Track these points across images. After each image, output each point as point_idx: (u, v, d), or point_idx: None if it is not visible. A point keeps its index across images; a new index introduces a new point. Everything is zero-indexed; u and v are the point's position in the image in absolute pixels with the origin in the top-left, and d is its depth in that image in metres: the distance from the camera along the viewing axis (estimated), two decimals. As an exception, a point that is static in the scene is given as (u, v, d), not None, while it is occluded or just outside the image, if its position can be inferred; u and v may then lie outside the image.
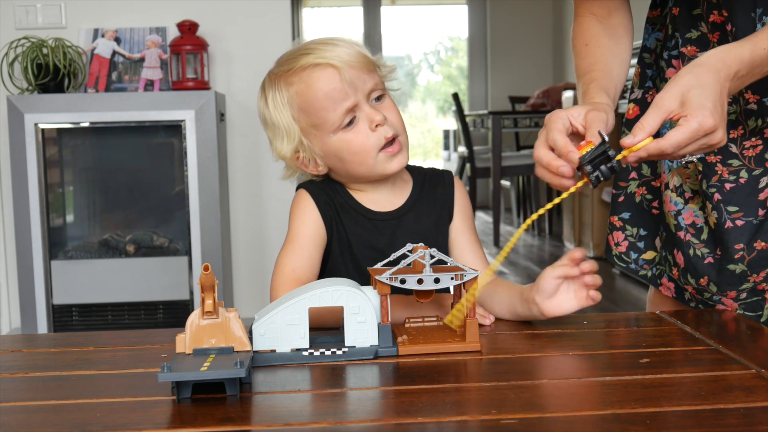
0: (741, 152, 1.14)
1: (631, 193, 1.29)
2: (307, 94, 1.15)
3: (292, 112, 1.17)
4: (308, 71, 1.15)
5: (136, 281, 2.94)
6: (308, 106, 1.16)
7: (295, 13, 5.91)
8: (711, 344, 0.98)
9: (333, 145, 1.17)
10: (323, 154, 1.18)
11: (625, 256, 1.30)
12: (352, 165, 1.17)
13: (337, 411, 0.79)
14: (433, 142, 11.43)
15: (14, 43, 2.91)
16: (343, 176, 1.21)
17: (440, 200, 1.24)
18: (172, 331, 1.03)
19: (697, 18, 1.15)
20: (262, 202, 3.17)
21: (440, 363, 0.93)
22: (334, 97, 1.14)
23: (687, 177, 1.19)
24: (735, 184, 1.14)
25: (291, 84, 1.17)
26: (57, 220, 3.05)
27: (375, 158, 1.16)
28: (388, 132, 1.16)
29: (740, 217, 1.14)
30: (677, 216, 1.20)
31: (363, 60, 1.17)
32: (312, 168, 1.20)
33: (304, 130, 1.17)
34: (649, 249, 1.29)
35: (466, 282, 0.96)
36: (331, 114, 1.15)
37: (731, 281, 1.16)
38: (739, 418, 0.74)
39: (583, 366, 0.92)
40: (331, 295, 0.95)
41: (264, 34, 3.12)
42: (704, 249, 1.18)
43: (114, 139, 3.09)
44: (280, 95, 1.17)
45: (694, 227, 1.19)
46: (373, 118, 1.16)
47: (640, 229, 1.29)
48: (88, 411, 0.79)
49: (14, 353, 1.04)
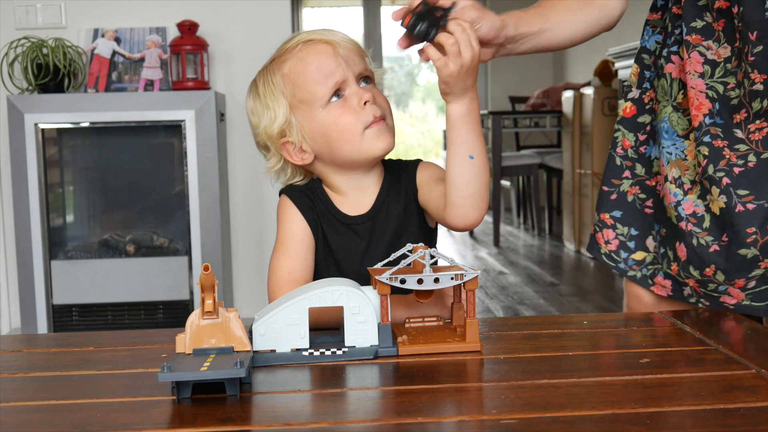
0: (747, 137, 1.13)
1: (624, 192, 1.28)
2: (300, 67, 1.17)
3: (283, 91, 1.18)
4: (302, 46, 1.18)
5: (136, 281, 2.94)
6: (300, 79, 1.17)
7: (295, 13, 5.91)
8: (711, 344, 0.98)
9: (321, 120, 1.17)
10: (310, 134, 1.18)
11: (615, 255, 1.29)
12: (338, 143, 1.17)
13: (337, 411, 0.79)
14: (433, 142, 11.42)
15: (14, 43, 2.91)
16: (328, 161, 1.20)
17: (404, 186, 1.23)
18: (172, 331, 1.03)
19: (703, 8, 1.16)
20: (262, 202, 3.17)
21: (440, 363, 0.93)
22: (326, 70, 1.16)
23: (685, 168, 1.20)
24: (744, 168, 1.13)
25: (284, 62, 1.19)
26: (57, 220, 3.05)
27: (362, 135, 1.17)
28: (376, 111, 1.17)
29: (751, 201, 1.13)
30: (677, 207, 1.19)
31: (355, 45, 1.20)
32: (297, 156, 1.20)
33: (293, 106, 1.19)
34: (639, 249, 1.28)
35: (465, 281, 0.96)
36: (320, 87, 1.16)
37: (741, 268, 1.15)
38: (739, 418, 0.74)
39: (583, 366, 0.92)
40: (331, 295, 0.95)
41: (264, 34, 3.12)
42: (708, 237, 1.17)
43: (114, 139, 3.09)
44: (272, 78, 1.19)
45: (695, 216, 1.18)
46: (362, 95, 1.17)
47: (631, 228, 1.28)
48: (88, 411, 0.79)
49: (14, 353, 1.04)
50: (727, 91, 1.14)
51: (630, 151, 1.27)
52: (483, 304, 3.66)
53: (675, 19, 1.21)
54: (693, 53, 1.15)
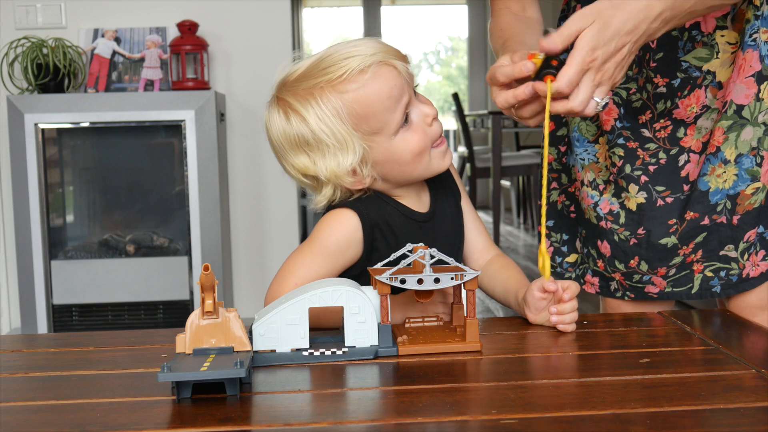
0: (654, 135, 1.23)
1: (554, 202, 1.39)
2: (369, 97, 1.05)
3: (350, 120, 1.06)
4: (361, 75, 1.05)
5: (136, 281, 2.94)
6: (369, 110, 1.06)
7: (295, 13, 5.91)
8: (711, 344, 0.98)
9: (394, 146, 1.09)
10: (383, 161, 1.09)
11: (552, 261, 1.39)
12: (410, 166, 1.10)
13: (337, 411, 0.79)
14: (433, 142, 11.41)
15: (14, 43, 2.91)
16: (393, 182, 1.13)
17: (446, 188, 1.22)
18: (172, 331, 1.03)
19: None
20: (262, 202, 3.17)
21: (440, 363, 0.93)
22: (396, 95, 1.07)
23: (599, 171, 1.29)
24: (657, 166, 1.24)
25: (344, 92, 1.06)
26: (57, 220, 3.05)
27: (430, 155, 1.11)
28: (440, 127, 1.12)
29: (669, 195, 1.24)
30: (595, 207, 1.29)
31: (398, 51, 1.10)
32: (359, 183, 1.10)
33: (365, 139, 1.08)
34: (571, 252, 1.38)
35: (465, 281, 0.96)
36: (393, 114, 1.07)
37: (662, 256, 1.25)
38: (739, 418, 0.74)
39: (583, 366, 0.92)
40: (331, 295, 0.95)
41: (264, 34, 3.13)
42: (625, 232, 1.26)
43: (114, 139, 3.09)
44: (327, 107, 1.06)
45: (612, 214, 1.27)
46: (427, 113, 1.10)
47: (562, 234, 1.39)
48: (88, 411, 0.79)
49: (14, 353, 1.04)
50: (629, 96, 1.24)
51: (554, 163, 1.38)
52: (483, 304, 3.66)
53: None
54: None
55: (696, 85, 1.19)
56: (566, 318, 1.05)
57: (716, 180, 1.20)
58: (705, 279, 1.25)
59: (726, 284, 1.25)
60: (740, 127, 1.18)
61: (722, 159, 1.19)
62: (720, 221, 1.22)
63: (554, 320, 1.06)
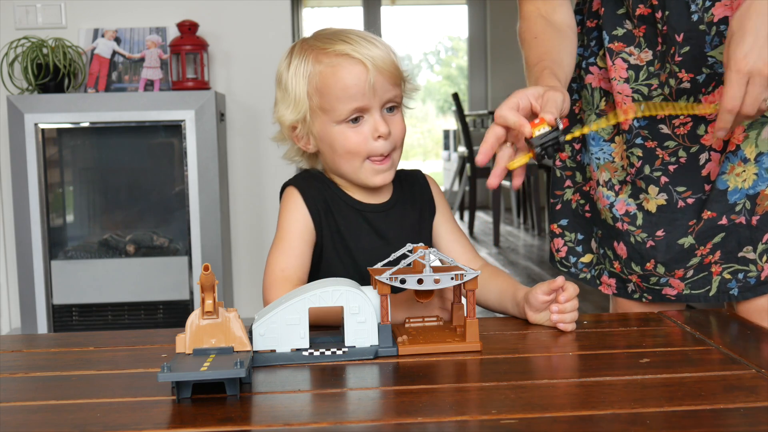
0: (673, 132, 1.20)
1: (568, 201, 1.36)
2: (330, 78, 1.16)
3: (308, 87, 1.18)
4: (340, 59, 1.16)
5: (136, 281, 2.94)
6: (326, 89, 1.17)
7: (295, 13, 5.91)
8: (711, 344, 0.98)
9: (331, 132, 1.19)
10: (319, 137, 1.20)
11: (566, 261, 1.36)
12: (340, 159, 1.20)
13: (337, 411, 0.79)
14: (433, 142, 11.42)
15: (14, 43, 2.91)
16: (329, 164, 1.23)
17: (419, 197, 1.28)
18: (172, 331, 1.04)
19: (622, 17, 1.22)
20: (262, 202, 3.17)
21: (440, 363, 0.93)
22: (352, 93, 1.16)
23: (614, 171, 1.27)
24: (677, 165, 1.21)
25: (319, 62, 1.18)
26: (57, 220, 3.05)
27: (361, 164, 1.19)
28: (385, 148, 1.19)
29: (690, 196, 1.21)
30: (611, 208, 1.27)
31: (394, 70, 1.18)
32: (303, 143, 1.23)
33: (312, 108, 1.19)
34: (587, 252, 1.35)
35: (465, 281, 0.96)
36: (342, 105, 1.16)
37: (679, 258, 1.22)
38: (739, 418, 0.74)
39: (583, 366, 0.92)
40: (331, 295, 0.95)
41: (264, 34, 3.12)
42: (642, 234, 1.24)
43: (114, 139, 3.09)
44: (305, 67, 1.19)
45: (629, 215, 1.25)
46: (378, 129, 1.17)
47: (577, 233, 1.36)
48: (88, 411, 0.79)
49: (14, 353, 1.04)
50: (651, 92, 1.21)
51: (568, 161, 1.36)
52: (483, 304, 3.66)
53: (590, 32, 1.28)
54: (617, 60, 1.22)
55: (720, 82, 1.15)
56: (567, 317, 1.06)
57: (735, 179, 1.17)
58: (723, 281, 1.22)
59: (744, 287, 1.21)
60: (761, 125, 1.16)
61: (742, 157, 1.17)
62: (739, 221, 1.19)
63: (555, 319, 1.06)
